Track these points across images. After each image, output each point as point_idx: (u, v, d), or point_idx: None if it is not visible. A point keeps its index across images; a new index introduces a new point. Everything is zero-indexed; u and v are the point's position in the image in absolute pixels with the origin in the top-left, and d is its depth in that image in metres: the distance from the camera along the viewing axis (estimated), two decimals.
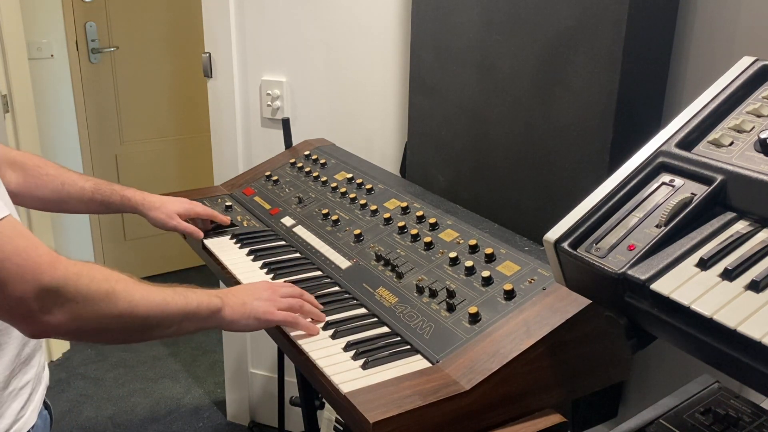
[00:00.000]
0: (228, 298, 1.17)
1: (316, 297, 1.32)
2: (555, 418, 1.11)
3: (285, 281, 1.36)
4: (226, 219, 1.67)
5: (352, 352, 1.14)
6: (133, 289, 1.01)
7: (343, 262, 1.45)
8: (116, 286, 0.98)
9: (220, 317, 1.15)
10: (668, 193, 0.86)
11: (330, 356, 1.14)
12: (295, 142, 2.07)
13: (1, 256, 0.87)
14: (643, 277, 0.78)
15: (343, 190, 1.70)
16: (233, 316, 1.17)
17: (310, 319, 1.25)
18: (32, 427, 1.12)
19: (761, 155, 0.83)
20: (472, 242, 1.34)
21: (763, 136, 0.83)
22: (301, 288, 1.31)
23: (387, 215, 1.52)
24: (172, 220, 1.55)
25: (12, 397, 1.07)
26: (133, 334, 1.05)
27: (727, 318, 0.70)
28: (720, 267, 0.76)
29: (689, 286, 0.76)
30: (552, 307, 1.12)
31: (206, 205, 1.71)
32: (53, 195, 1.39)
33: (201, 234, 1.60)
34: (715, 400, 1.08)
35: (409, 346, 1.16)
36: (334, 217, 1.60)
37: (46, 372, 1.20)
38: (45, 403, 1.22)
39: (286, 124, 2.07)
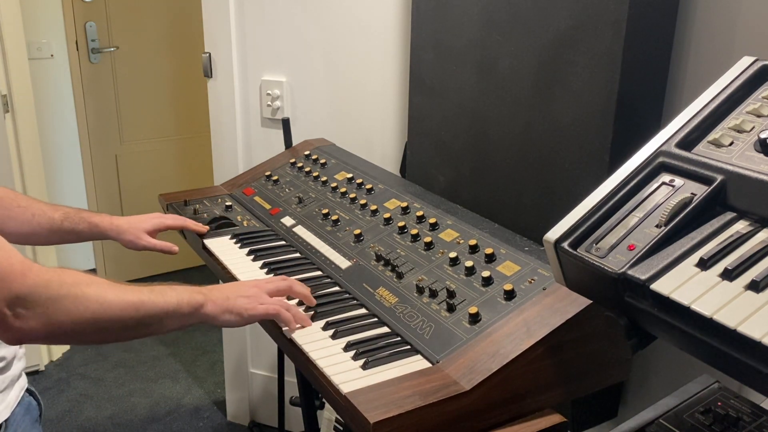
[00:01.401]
0: (212, 294, 1.18)
1: (316, 297, 1.31)
2: (555, 418, 1.11)
3: None
4: (201, 228, 1.64)
5: (352, 352, 1.14)
6: (106, 291, 1.02)
7: (343, 262, 1.45)
8: (87, 289, 1.00)
9: (202, 313, 1.15)
10: (668, 193, 0.86)
11: (330, 356, 1.14)
12: (295, 142, 2.07)
13: None
14: (643, 277, 0.78)
15: (343, 190, 1.70)
16: (215, 311, 1.16)
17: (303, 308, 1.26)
18: (8, 419, 1.14)
19: (761, 155, 0.83)
20: (472, 242, 1.34)
21: (763, 136, 0.83)
22: None
23: (387, 215, 1.52)
24: (141, 240, 1.54)
25: None
26: (111, 334, 1.06)
27: (727, 318, 0.70)
28: (720, 267, 0.76)
29: (689, 286, 0.76)
30: (552, 307, 1.12)
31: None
32: (24, 227, 1.38)
33: (175, 248, 1.58)
34: (715, 400, 1.08)
35: (409, 346, 1.16)
36: (334, 217, 1.60)
37: (24, 378, 1.22)
38: (30, 391, 1.24)
39: (286, 124, 2.07)
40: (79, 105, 3.49)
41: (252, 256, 1.52)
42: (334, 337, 1.20)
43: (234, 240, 1.61)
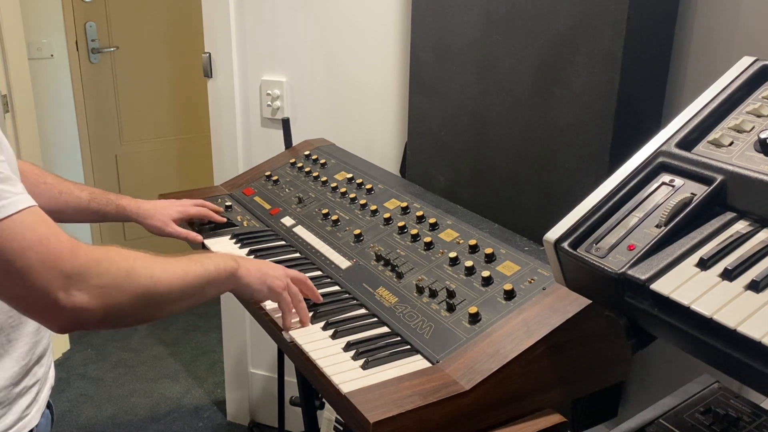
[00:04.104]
0: (244, 262, 1.22)
1: None
2: (555, 418, 1.11)
3: None
4: (221, 219, 1.69)
5: (352, 352, 1.14)
6: (153, 265, 1.01)
7: (343, 262, 1.45)
8: (135, 264, 0.99)
9: (236, 278, 1.19)
10: (668, 193, 0.86)
11: (330, 356, 1.14)
12: (295, 142, 2.07)
13: (23, 245, 0.87)
14: (643, 277, 0.78)
15: (343, 190, 1.70)
16: (249, 279, 1.21)
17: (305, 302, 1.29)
18: (35, 427, 1.13)
19: (761, 155, 0.83)
20: (472, 242, 1.34)
21: (763, 136, 0.83)
22: None
23: (387, 215, 1.52)
24: (168, 227, 1.57)
25: (21, 394, 1.08)
26: (161, 309, 1.05)
27: (727, 318, 0.70)
28: (720, 267, 0.76)
29: (689, 286, 0.76)
30: (552, 307, 1.12)
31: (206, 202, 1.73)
32: (51, 204, 1.38)
33: (199, 238, 1.62)
34: (715, 400, 1.08)
35: (409, 346, 1.16)
36: (334, 217, 1.60)
37: (52, 371, 1.21)
38: (47, 403, 1.22)
39: (286, 124, 2.07)
40: (79, 105, 3.49)
41: (252, 256, 1.52)
42: (334, 337, 1.20)
43: (234, 240, 1.61)
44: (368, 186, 1.67)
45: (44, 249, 0.88)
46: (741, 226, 0.80)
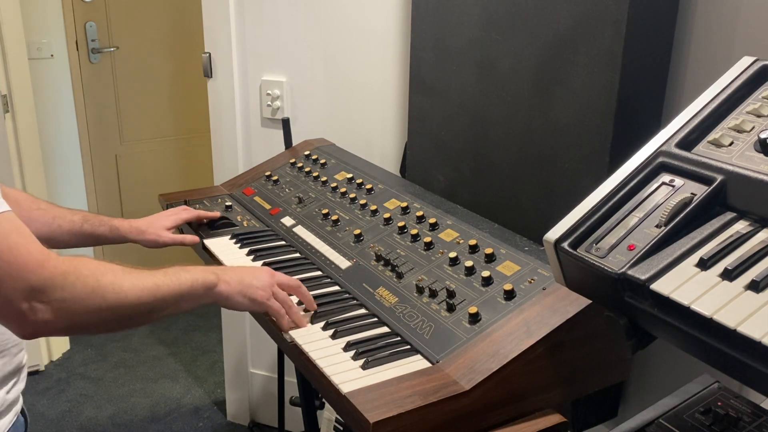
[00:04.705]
0: (225, 274, 1.20)
1: (316, 297, 1.31)
2: (555, 418, 1.11)
3: None
4: (215, 214, 1.69)
5: (352, 352, 1.14)
6: (122, 280, 1.02)
7: (343, 262, 1.45)
8: (102, 279, 0.99)
9: (215, 293, 1.18)
10: (668, 193, 0.86)
11: (330, 356, 1.14)
12: (295, 142, 2.07)
13: None
14: (643, 277, 0.78)
15: (343, 190, 1.70)
16: (229, 292, 1.19)
17: (301, 310, 1.28)
18: None
19: (761, 155, 0.83)
20: (472, 242, 1.34)
21: (763, 136, 0.83)
22: None
23: (387, 215, 1.52)
24: (162, 237, 1.57)
25: None
26: (128, 322, 1.06)
27: (727, 318, 0.70)
28: (720, 267, 0.76)
29: (689, 286, 0.76)
30: (552, 307, 1.12)
31: (201, 208, 1.73)
32: (45, 228, 1.38)
33: (196, 239, 1.62)
34: (715, 400, 1.08)
35: (409, 346, 1.16)
36: (334, 217, 1.60)
37: (21, 401, 1.20)
38: (21, 410, 1.22)
39: (286, 124, 2.07)
40: (79, 105, 3.49)
41: (252, 256, 1.52)
42: (334, 337, 1.20)
43: (234, 240, 1.61)
44: (368, 186, 1.67)
45: (13, 259, 0.90)
46: (741, 226, 0.80)
